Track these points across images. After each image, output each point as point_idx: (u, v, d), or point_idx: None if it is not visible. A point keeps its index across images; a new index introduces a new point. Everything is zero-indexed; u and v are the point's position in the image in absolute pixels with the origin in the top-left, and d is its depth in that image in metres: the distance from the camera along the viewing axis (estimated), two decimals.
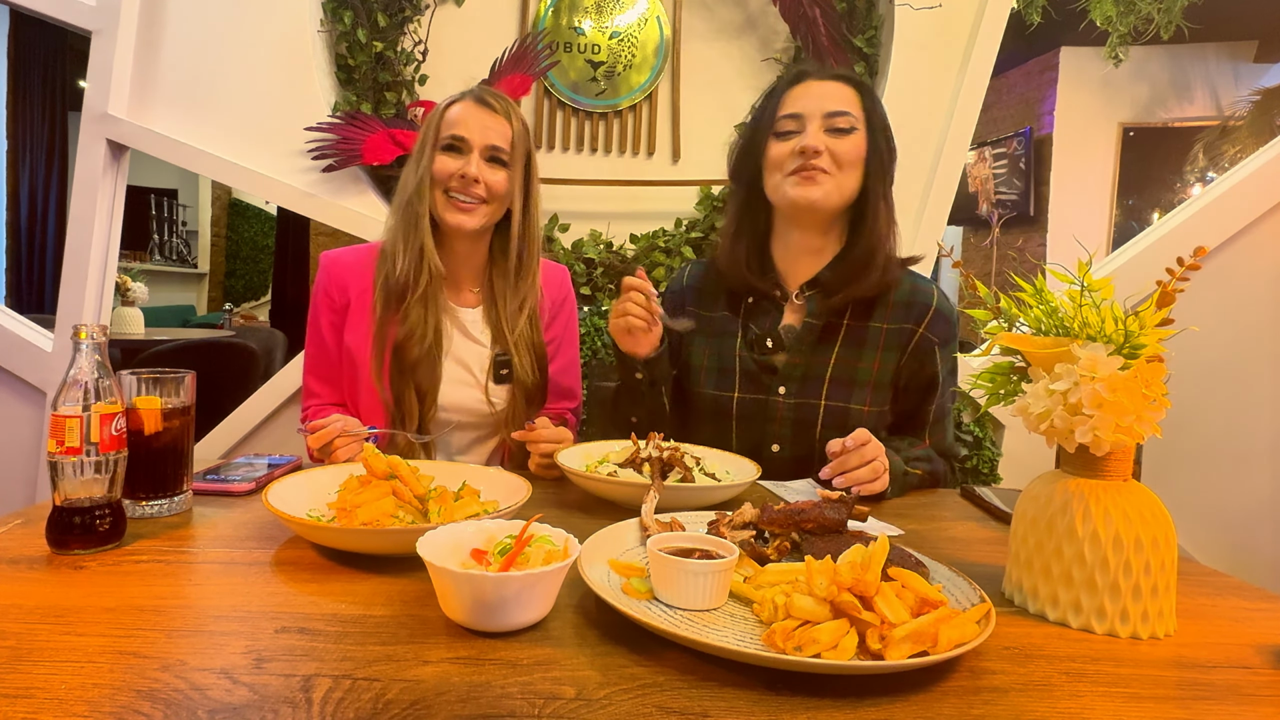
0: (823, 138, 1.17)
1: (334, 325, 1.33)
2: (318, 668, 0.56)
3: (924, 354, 1.24)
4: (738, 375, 1.27)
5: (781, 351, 1.26)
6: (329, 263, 1.36)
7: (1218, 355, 2.14)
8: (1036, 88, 6.01)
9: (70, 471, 0.79)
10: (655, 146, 2.37)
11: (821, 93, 1.19)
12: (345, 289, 1.33)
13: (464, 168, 1.27)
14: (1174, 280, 0.72)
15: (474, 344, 1.35)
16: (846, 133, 1.17)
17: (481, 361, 1.34)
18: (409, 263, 1.28)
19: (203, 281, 8.01)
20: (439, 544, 0.69)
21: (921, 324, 1.23)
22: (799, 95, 1.20)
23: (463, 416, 1.33)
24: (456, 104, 1.32)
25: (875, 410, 1.24)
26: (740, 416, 1.27)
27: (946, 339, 1.25)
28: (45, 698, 0.51)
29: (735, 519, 0.83)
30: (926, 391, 1.26)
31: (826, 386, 1.23)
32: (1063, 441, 0.71)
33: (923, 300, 1.24)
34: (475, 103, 1.31)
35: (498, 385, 1.34)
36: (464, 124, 1.29)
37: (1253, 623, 0.73)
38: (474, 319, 1.37)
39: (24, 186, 5.35)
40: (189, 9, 2.15)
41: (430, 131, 1.31)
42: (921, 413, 1.28)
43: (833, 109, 1.17)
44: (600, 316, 2.19)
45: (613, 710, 0.52)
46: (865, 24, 2.25)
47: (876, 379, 1.23)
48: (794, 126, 1.19)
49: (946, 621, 0.60)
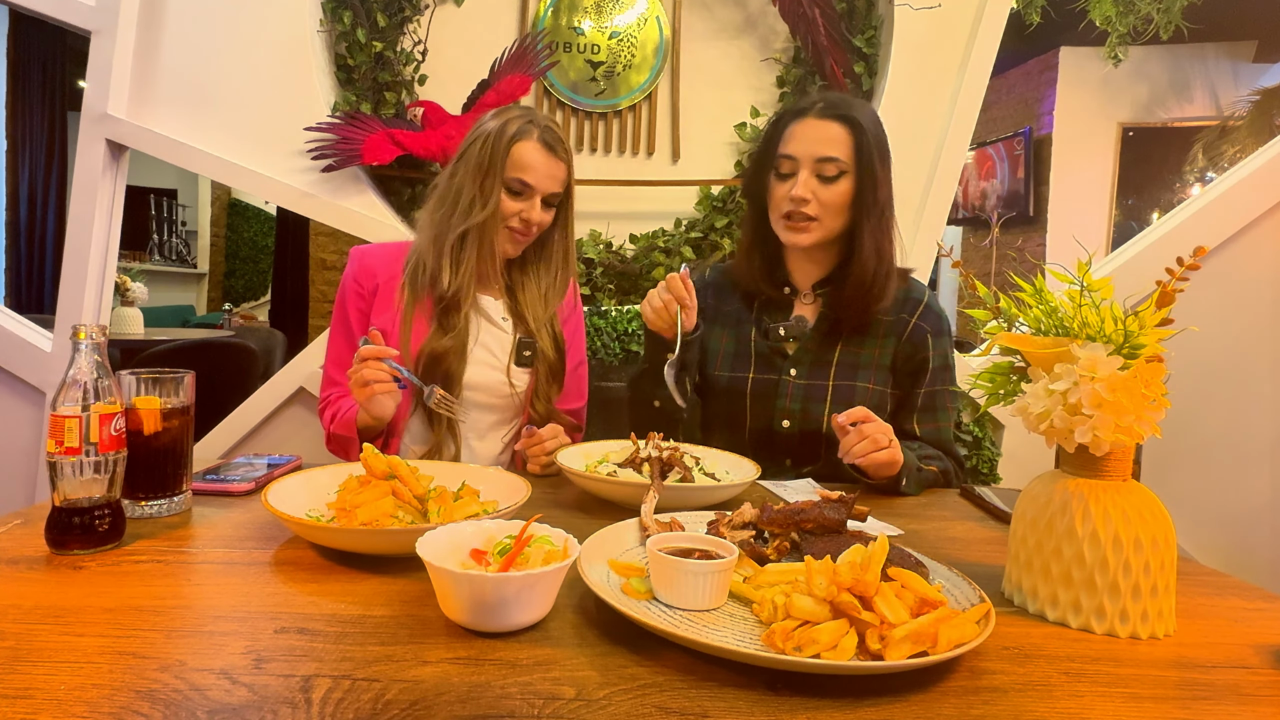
0: (812, 184, 1.27)
1: (361, 311, 1.38)
2: (317, 668, 0.56)
3: (917, 340, 1.34)
4: (752, 358, 1.38)
5: (792, 340, 1.36)
6: (359, 254, 1.43)
7: (1217, 355, 2.13)
8: (1036, 88, 6.01)
9: (69, 472, 0.79)
10: (655, 146, 2.37)
11: (815, 136, 1.27)
12: (374, 275, 1.39)
13: (527, 211, 1.33)
14: (1174, 280, 0.72)
15: (498, 330, 1.41)
16: (834, 180, 1.26)
17: (505, 345, 1.40)
18: (462, 280, 1.34)
19: (202, 281, 8.00)
20: (438, 544, 0.69)
21: (914, 315, 1.35)
22: (798, 135, 1.28)
23: (487, 397, 1.39)
24: (524, 142, 1.32)
25: (879, 389, 1.34)
26: (754, 395, 1.36)
27: (938, 330, 1.36)
28: (44, 698, 0.51)
29: (735, 519, 0.83)
30: (917, 374, 1.35)
31: (834, 368, 1.34)
32: (1062, 441, 0.71)
33: (915, 296, 1.37)
34: (545, 150, 1.33)
35: (519, 368, 1.40)
36: (533, 171, 1.32)
37: (1252, 623, 0.73)
38: (498, 307, 1.43)
39: (23, 186, 5.35)
40: (189, 9, 2.15)
41: (497, 163, 1.31)
42: (911, 396, 1.35)
43: (822, 154, 1.26)
44: (600, 316, 2.19)
45: (612, 710, 0.52)
46: (865, 24, 2.25)
47: (878, 361, 1.35)
48: (789, 169, 1.29)
49: (946, 621, 0.60)
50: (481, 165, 1.32)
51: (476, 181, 1.32)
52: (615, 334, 2.18)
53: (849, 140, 1.26)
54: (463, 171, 1.34)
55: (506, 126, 1.32)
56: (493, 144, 1.31)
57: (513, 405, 1.41)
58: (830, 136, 1.26)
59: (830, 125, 1.26)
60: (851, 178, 1.27)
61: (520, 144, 1.31)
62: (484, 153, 1.32)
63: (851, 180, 1.27)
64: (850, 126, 1.26)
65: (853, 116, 1.26)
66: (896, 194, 1.32)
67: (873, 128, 1.27)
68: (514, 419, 1.44)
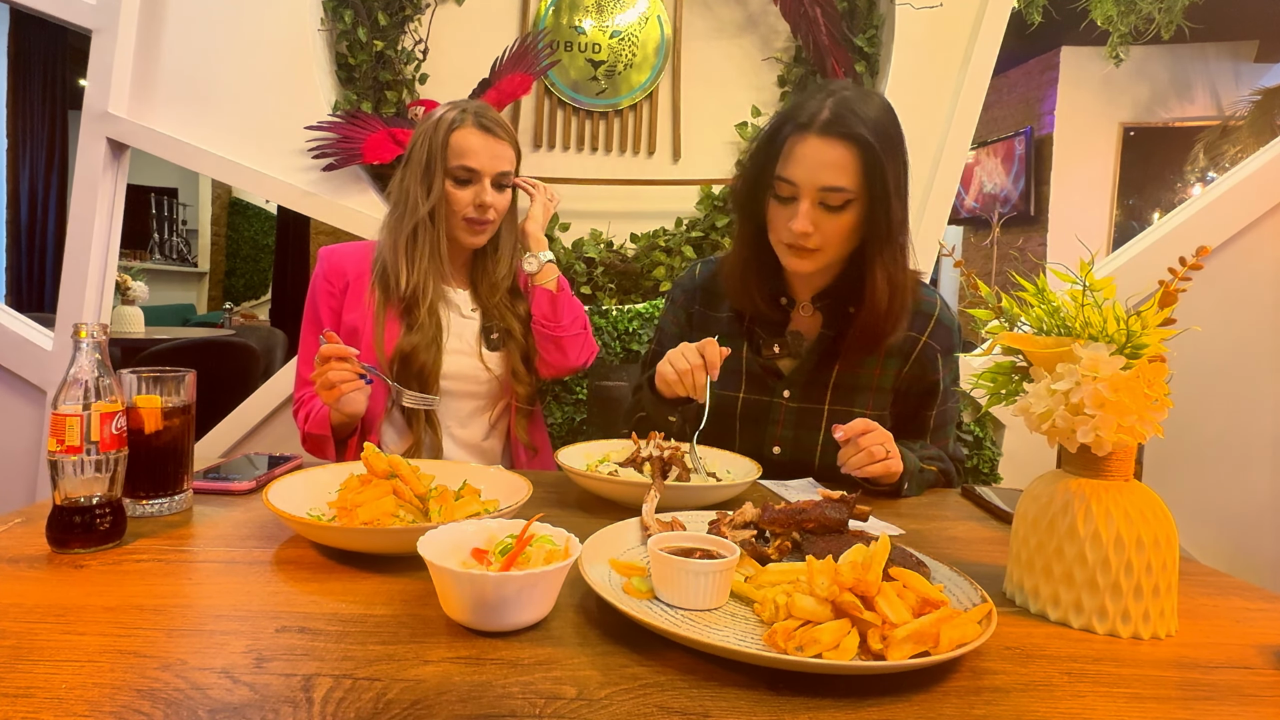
0: (814, 214, 1.11)
1: (333, 309, 1.41)
2: (318, 667, 0.56)
3: (926, 362, 1.26)
4: (744, 376, 1.29)
5: (787, 357, 1.27)
6: (327, 254, 1.45)
7: (1219, 355, 2.13)
8: (1037, 87, 6.01)
9: (70, 470, 0.79)
10: (656, 146, 2.36)
11: (819, 159, 1.10)
12: (344, 274, 1.41)
13: (479, 197, 1.36)
14: (1176, 280, 0.72)
15: (466, 320, 1.45)
16: (839, 209, 1.12)
17: (474, 333, 1.44)
18: (419, 277, 1.36)
19: (203, 280, 8.00)
20: (440, 543, 0.69)
21: (924, 333, 1.26)
22: (798, 157, 1.11)
23: (465, 385, 1.42)
24: (460, 129, 1.35)
25: (876, 414, 1.25)
26: (744, 417, 1.29)
27: (949, 348, 1.27)
28: (45, 697, 0.51)
29: (736, 518, 0.82)
30: (927, 396, 1.28)
31: (830, 391, 1.26)
32: (1064, 441, 0.71)
33: (925, 310, 1.26)
34: (482, 131, 1.35)
35: (490, 351, 1.43)
36: (474, 155, 1.34)
37: (1254, 623, 0.73)
38: (463, 299, 1.46)
39: (24, 185, 5.34)
40: (189, 7, 2.15)
41: (436, 155, 1.34)
42: (921, 417, 1.29)
43: (828, 184, 1.10)
44: (600, 316, 2.19)
45: (614, 710, 0.52)
46: (866, 23, 2.25)
47: (878, 384, 1.26)
48: (790, 193, 1.13)
49: (948, 621, 0.60)
50: (422, 161, 1.35)
51: (418, 177, 1.35)
52: (616, 333, 2.18)
53: (856, 164, 1.09)
54: (409, 173, 1.37)
55: (441, 120, 1.35)
56: (430, 138, 1.35)
57: (492, 390, 1.45)
58: (835, 161, 1.09)
59: (835, 147, 1.09)
60: (860, 205, 1.12)
61: (458, 132, 1.34)
62: (423, 148, 1.35)
63: (860, 208, 1.12)
64: (859, 146, 1.09)
65: (861, 135, 1.08)
66: None
67: (884, 137, 1.10)
68: (496, 403, 1.47)
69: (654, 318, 2.19)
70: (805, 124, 1.12)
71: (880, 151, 1.09)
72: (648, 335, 2.16)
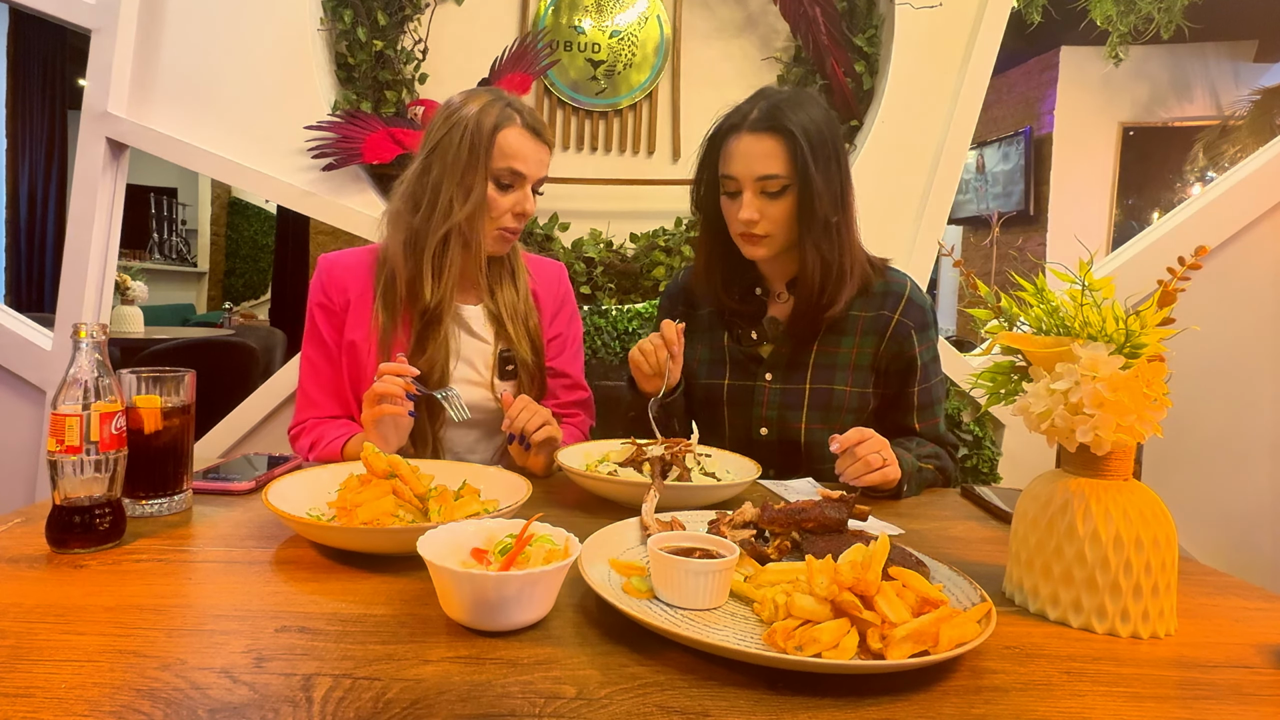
0: (757, 203, 1.22)
1: (334, 327, 1.30)
2: (318, 667, 0.56)
3: (901, 338, 1.30)
4: (728, 364, 1.36)
5: (766, 343, 1.34)
6: (327, 265, 1.33)
7: (1218, 355, 2.13)
8: (1037, 87, 6.01)
9: (70, 470, 0.79)
10: (655, 145, 2.36)
11: (751, 152, 1.20)
12: (345, 290, 1.30)
13: (520, 205, 1.25)
14: (1175, 280, 0.72)
15: (479, 341, 1.34)
16: (778, 195, 1.21)
17: (486, 358, 1.33)
18: (446, 290, 1.24)
19: (202, 280, 8.00)
20: (439, 543, 0.69)
21: (896, 311, 1.30)
22: (735, 153, 1.22)
23: (471, 414, 1.31)
24: (509, 128, 1.22)
25: (857, 390, 1.30)
26: (730, 402, 1.35)
27: (922, 324, 1.31)
28: (45, 697, 0.51)
29: (736, 518, 0.83)
30: (907, 373, 1.32)
31: (810, 371, 1.31)
32: (1064, 441, 0.71)
33: (896, 290, 1.32)
34: (533, 136, 1.25)
35: (503, 381, 1.32)
36: (523, 159, 1.23)
37: (1253, 622, 0.73)
38: (476, 315, 1.35)
39: (23, 185, 5.34)
40: (189, 7, 2.15)
41: (480, 154, 1.20)
42: (905, 395, 1.33)
43: (762, 173, 1.20)
44: (600, 315, 2.19)
45: (613, 709, 0.52)
46: (866, 23, 2.25)
47: (855, 361, 1.30)
48: (735, 188, 1.24)
49: (947, 621, 0.60)
50: (461, 158, 1.20)
51: (456, 177, 1.20)
52: (615, 333, 2.18)
53: (785, 153, 1.19)
54: (439, 167, 1.22)
55: (485, 114, 1.21)
56: (473, 134, 1.20)
57: (498, 419, 1.33)
58: (766, 152, 1.19)
59: (764, 140, 1.19)
60: (794, 191, 1.21)
61: (505, 131, 1.21)
62: (464, 144, 1.20)
63: (794, 194, 1.21)
64: (784, 137, 1.18)
65: (785, 126, 1.18)
66: (897, 192, 1.29)
67: (811, 131, 1.19)
68: (499, 432, 1.36)
69: (654, 317, 2.19)
70: (738, 124, 1.23)
71: (805, 138, 1.19)
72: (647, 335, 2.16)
